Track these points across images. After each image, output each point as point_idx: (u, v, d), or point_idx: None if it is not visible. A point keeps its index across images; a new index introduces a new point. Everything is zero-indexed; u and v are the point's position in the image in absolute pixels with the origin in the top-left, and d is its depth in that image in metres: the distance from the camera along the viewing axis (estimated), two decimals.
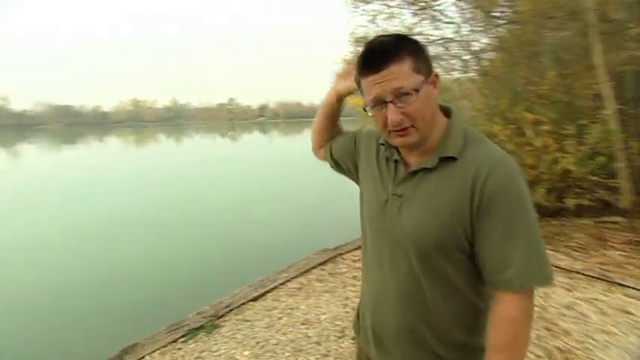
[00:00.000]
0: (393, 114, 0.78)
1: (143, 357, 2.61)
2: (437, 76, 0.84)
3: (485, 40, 5.52)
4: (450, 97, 5.97)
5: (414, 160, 0.88)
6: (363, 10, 5.26)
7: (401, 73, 0.77)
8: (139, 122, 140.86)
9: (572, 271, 3.28)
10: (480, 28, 5.34)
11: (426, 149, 0.86)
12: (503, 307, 0.79)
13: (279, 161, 18.47)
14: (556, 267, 3.38)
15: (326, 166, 1.22)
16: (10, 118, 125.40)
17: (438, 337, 0.88)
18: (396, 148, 0.92)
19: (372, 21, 5.22)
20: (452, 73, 5.65)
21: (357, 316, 1.08)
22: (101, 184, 12.66)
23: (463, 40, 5.15)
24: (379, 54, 0.78)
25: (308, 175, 12.69)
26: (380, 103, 0.80)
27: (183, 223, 7.50)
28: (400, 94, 0.77)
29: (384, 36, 0.82)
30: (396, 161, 0.91)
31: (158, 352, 2.65)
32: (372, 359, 1.01)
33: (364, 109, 0.85)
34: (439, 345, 0.88)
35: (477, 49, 5.30)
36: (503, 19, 5.36)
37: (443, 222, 0.80)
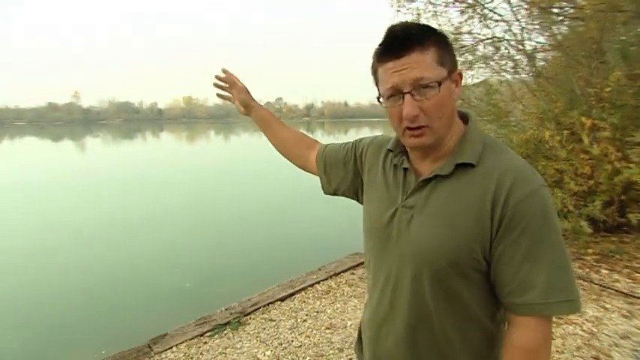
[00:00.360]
0: (409, 106, 0.70)
1: (170, 347, 2.68)
2: (460, 74, 0.76)
3: (540, 39, 5.13)
4: (499, 100, 5.62)
5: (427, 168, 0.79)
6: (407, 9, 5.08)
7: (423, 63, 0.69)
8: (191, 119, 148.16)
9: (633, 296, 2.93)
10: (534, 26, 4.96)
11: (440, 155, 0.77)
12: (522, 334, 0.69)
13: None
14: (612, 289, 3.04)
15: None
16: (79, 113, 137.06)
17: None
18: (406, 154, 0.83)
19: (417, 20, 5.02)
20: (502, 74, 5.30)
21: (359, 336, 1.00)
22: (153, 178, 13.41)
23: (515, 40, 4.80)
24: (402, 40, 0.70)
25: None
26: (397, 93, 0.72)
27: (227, 219, 7.73)
28: (420, 86, 0.70)
29: (408, 23, 0.74)
30: (405, 169, 0.82)
31: (185, 344, 2.72)
32: None
33: (378, 101, 0.77)
34: None
35: (531, 48, 4.93)
36: (562, 16, 4.94)
37: (459, 236, 0.71)
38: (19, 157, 24.50)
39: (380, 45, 0.74)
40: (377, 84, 0.78)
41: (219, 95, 1.19)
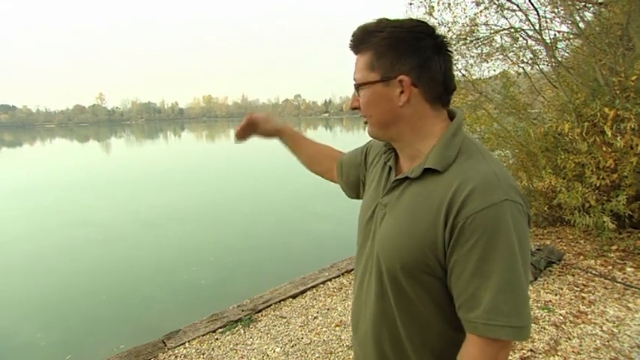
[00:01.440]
0: (351, 99, 0.79)
1: (183, 343, 2.74)
2: (401, 81, 0.71)
3: (560, 28, 4.92)
4: (517, 92, 5.44)
5: (407, 168, 0.78)
6: (420, 1, 4.95)
7: (358, 66, 0.75)
8: (211, 117, 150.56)
9: None
10: (555, 15, 4.76)
11: (418, 156, 0.75)
12: (466, 350, 0.67)
13: None
14: (637, 289, 2.91)
15: None
16: (104, 115, 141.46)
17: None
18: (395, 152, 0.83)
19: (430, 12, 4.91)
20: (520, 65, 5.12)
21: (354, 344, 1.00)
22: (173, 177, 13.71)
23: (533, 30, 4.62)
24: (353, 40, 0.76)
25: None
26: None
27: (243, 217, 7.83)
28: (355, 85, 0.77)
29: (366, 24, 0.74)
30: (390, 168, 0.82)
31: (197, 340, 2.77)
32: None
33: None
34: None
35: (550, 38, 4.73)
36: (585, 2, 4.73)
37: (413, 240, 0.70)
38: (51, 159, 25.55)
39: None
40: None
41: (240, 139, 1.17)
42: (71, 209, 8.95)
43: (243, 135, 1.15)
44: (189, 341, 2.77)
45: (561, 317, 2.60)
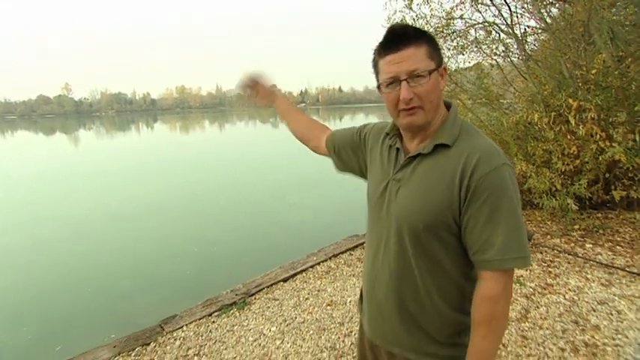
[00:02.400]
0: (405, 91, 0.85)
1: (181, 327, 2.85)
2: (445, 68, 0.91)
3: (530, 23, 5.22)
4: (491, 83, 5.73)
5: (414, 148, 0.95)
6: None
7: (417, 57, 0.85)
8: (185, 109, 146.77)
9: (613, 267, 3.13)
10: (524, 11, 5.04)
11: (425, 137, 0.92)
12: (484, 285, 0.85)
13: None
14: (594, 261, 3.24)
15: None
16: (71, 106, 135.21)
17: (425, 314, 0.93)
18: (400, 137, 0.98)
19: (409, 6, 5.09)
20: (493, 57, 5.40)
21: (361, 295, 1.16)
22: (149, 169, 13.46)
23: (505, 24, 4.89)
24: (400, 36, 0.86)
25: None
26: (395, 81, 0.86)
27: (223, 207, 7.86)
28: (414, 75, 0.84)
29: (405, 24, 0.91)
30: (397, 149, 0.98)
31: (194, 324, 2.88)
32: (365, 332, 1.10)
33: (378, 89, 0.92)
34: (426, 322, 0.94)
35: (521, 32, 5.02)
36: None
37: (433, 205, 0.86)
38: (14, 152, 24.34)
39: (381, 41, 0.89)
40: (377, 75, 0.93)
41: (241, 93, 1.36)
42: (45, 203, 8.69)
43: (248, 83, 1.34)
44: (186, 325, 2.87)
45: (531, 289, 2.88)
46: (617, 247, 3.49)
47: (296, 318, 2.83)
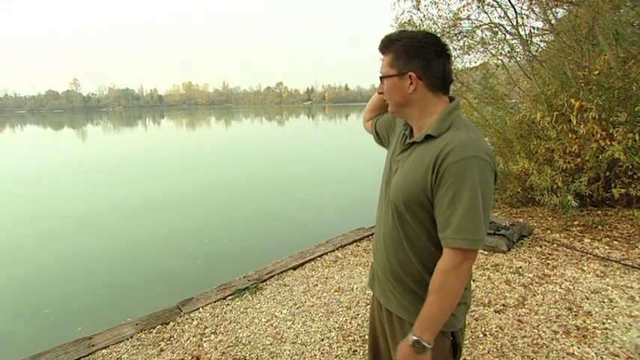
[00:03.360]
0: (379, 87, 1.14)
1: (197, 309, 3.04)
2: (410, 76, 1.04)
3: (535, 24, 5.34)
4: (496, 83, 5.85)
5: (415, 137, 1.12)
6: None
7: (383, 63, 1.09)
8: (192, 105, 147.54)
9: (609, 260, 3.26)
10: (530, 12, 5.16)
11: (423, 128, 1.09)
12: (442, 258, 1.00)
13: (322, 148, 18.79)
14: (591, 254, 3.37)
15: (364, 156, 1.46)
16: (79, 101, 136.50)
17: (409, 275, 1.11)
18: (410, 126, 1.16)
19: (417, 7, 5.23)
20: (499, 58, 5.52)
21: (372, 266, 1.33)
22: (156, 164, 13.71)
23: (511, 25, 5.01)
24: (380, 44, 1.10)
25: (349, 162, 12.85)
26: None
27: (230, 203, 8.05)
28: (381, 77, 1.11)
29: (394, 33, 1.09)
30: (405, 136, 1.15)
31: (210, 306, 3.07)
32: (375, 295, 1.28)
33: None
34: (411, 281, 1.11)
35: (526, 33, 5.14)
36: (558, 1, 5.13)
37: (413, 185, 1.03)
38: (23, 146, 24.76)
39: None
40: None
41: None
42: (47, 197, 8.88)
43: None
44: (202, 307, 3.06)
45: (529, 279, 3.04)
46: (615, 241, 3.62)
47: (305, 302, 3.00)
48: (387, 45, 1.07)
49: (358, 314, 2.75)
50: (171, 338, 2.62)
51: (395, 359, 1.08)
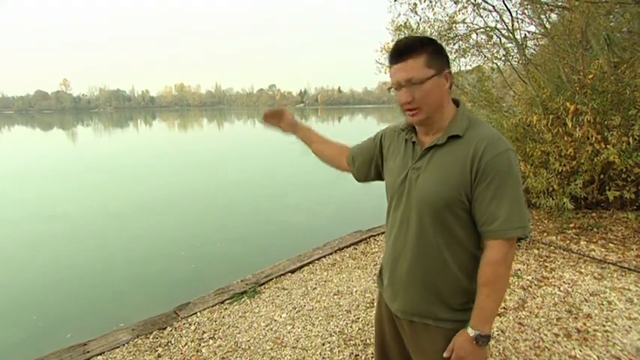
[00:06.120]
0: (403, 96, 1.03)
1: (195, 313, 2.99)
2: (449, 72, 1.05)
3: (530, 29, 5.40)
4: (491, 87, 5.90)
5: (428, 140, 1.10)
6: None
7: (414, 67, 1.00)
8: (184, 106, 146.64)
9: (605, 262, 3.29)
10: (525, 16, 5.22)
11: (437, 131, 1.08)
12: (489, 251, 1.01)
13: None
14: (588, 257, 3.40)
15: None
16: (69, 102, 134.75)
17: (444, 284, 1.08)
18: (414, 131, 1.14)
19: (413, 9, 5.25)
20: (494, 61, 5.57)
21: (380, 271, 1.31)
22: (148, 166, 13.56)
23: (506, 29, 5.05)
24: (401, 50, 1.02)
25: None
26: (398, 87, 1.03)
27: (224, 207, 7.96)
28: (410, 83, 1.01)
29: (413, 37, 1.05)
30: (414, 142, 1.13)
31: (207, 310, 3.02)
32: (385, 305, 1.25)
33: (389, 90, 1.09)
34: (444, 291, 1.09)
35: (521, 37, 5.19)
36: (551, 6, 5.20)
37: (450, 186, 1.02)
38: (10, 147, 24.32)
39: (389, 54, 1.06)
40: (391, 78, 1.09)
41: (266, 122, 1.49)
42: (35, 199, 8.67)
43: (269, 118, 1.46)
44: (200, 311, 3.01)
45: (528, 282, 3.04)
46: (610, 244, 3.66)
47: (305, 306, 2.97)
48: (415, 47, 1.01)
49: (359, 318, 2.72)
50: (169, 344, 2.57)
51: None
